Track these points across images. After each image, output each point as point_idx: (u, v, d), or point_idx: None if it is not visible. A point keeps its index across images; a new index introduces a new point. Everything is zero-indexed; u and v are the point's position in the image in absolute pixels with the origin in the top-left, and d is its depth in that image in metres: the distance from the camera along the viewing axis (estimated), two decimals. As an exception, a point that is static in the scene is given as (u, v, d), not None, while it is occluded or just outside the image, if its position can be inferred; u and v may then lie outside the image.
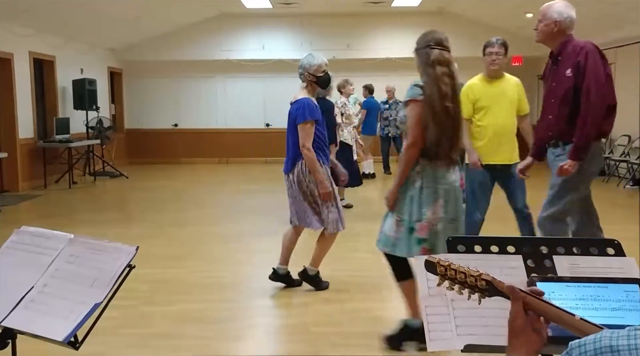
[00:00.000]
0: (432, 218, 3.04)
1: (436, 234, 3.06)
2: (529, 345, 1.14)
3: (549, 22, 3.52)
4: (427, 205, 3.05)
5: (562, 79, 3.50)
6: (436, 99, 3.01)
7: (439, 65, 3.03)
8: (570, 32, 3.53)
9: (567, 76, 3.46)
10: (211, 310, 3.91)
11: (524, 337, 1.14)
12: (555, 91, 3.58)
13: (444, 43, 3.09)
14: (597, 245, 1.57)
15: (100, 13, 10.07)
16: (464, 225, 3.26)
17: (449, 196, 3.08)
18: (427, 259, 1.25)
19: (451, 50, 3.12)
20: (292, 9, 12.24)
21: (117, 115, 13.59)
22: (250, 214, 7.40)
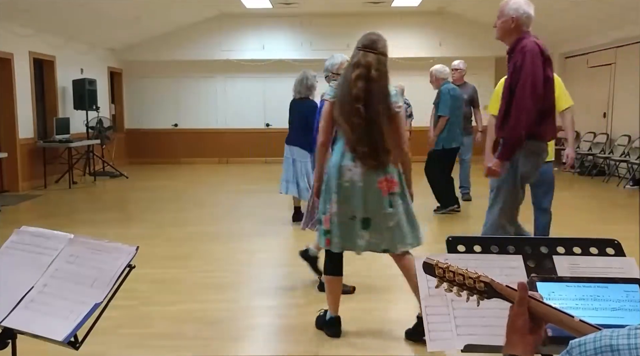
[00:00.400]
0: (331, 211, 3.23)
1: (335, 227, 3.24)
2: (526, 345, 1.14)
3: (506, 19, 3.50)
4: (327, 199, 3.25)
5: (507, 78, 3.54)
6: (346, 101, 3.13)
7: (357, 68, 3.12)
8: (526, 29, 3.48)
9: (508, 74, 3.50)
10: (211, 310, 3.91)
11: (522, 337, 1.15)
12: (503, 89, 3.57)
13: (372, 45, 3.14)
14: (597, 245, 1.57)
15: (100, 13, 10.07)
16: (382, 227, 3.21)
17: (347, 193, 3.18)
18: (425, 261, 1.25)
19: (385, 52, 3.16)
20: (292, 9, 12.24)
21: (117, 115, 13.59)
22: (250, 214, 7.40)
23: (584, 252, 1.56)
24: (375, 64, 3.12)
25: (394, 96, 3.19)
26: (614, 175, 10.20)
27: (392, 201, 3.21)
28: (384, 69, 3.15)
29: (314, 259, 4.32)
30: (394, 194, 3.21)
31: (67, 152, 10.09)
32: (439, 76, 7.17)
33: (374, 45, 3.15)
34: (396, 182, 3.22)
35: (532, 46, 3.35)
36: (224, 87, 13.79)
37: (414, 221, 3.31)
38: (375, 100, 3.12)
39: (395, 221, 3.21)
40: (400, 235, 3.24)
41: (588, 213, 7.38)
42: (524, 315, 1.15)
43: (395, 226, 3.22)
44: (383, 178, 3.18)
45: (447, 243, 1.59)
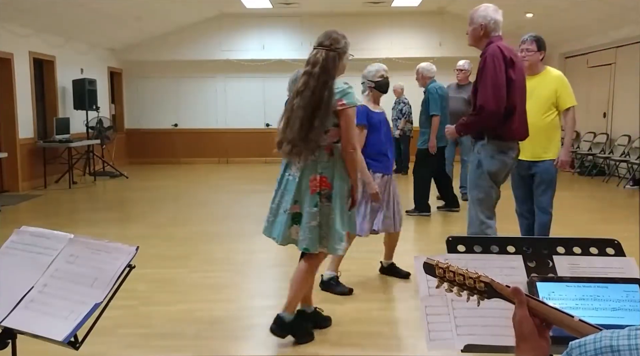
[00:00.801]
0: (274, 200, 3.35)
1: (270, 214, 3.34)
2: (538, 350, 1.13)
3: (475, 26, 3.66)
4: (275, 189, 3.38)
5: None
6: (292, 96, 3.24)
7: (307, 65, 3.19)
8: (495, 34, 3.63)
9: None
10: (211, 310, 3.91)
11: (533, 343, 1.13)
12: None
13: (323, 43, 3.18)
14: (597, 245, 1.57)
15: (100, 13, 10.06)
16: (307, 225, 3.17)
17: (287, 186, 3.26)
18: (426, 262, 1.25)
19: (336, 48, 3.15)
20: (292, 9, 12.24)
21: (117, 115, 13.58)
22: (250, 214, 7.39)
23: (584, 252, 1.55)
24: (322, 61, 3.12)
25: (339, 93, 3.12)
26: (614, 175, 10.20)
27: (319, 200, 3.16)
28: (330, 65, 3.12)
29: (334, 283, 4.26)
30: (321, 194, 3.16)
31: (67, 152, 10.09)
32: (426, 74, 7.07)
33: (325, 42, 3.17)
34: (327, 182, 3.17)
35: (494, 50, 3.50)
36: (224, 87, 13.79)
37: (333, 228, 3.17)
38: (312, 95, 3.10)
39: (318, 221, 3.16)
40: (319, 236, 3.19)
41: (588, 213, 7.38)
42: (528, 318, 1.14)
43: (317, 227, 3.17)
44: (314, 176, 3.17)
45: (447, 243, 1.59)
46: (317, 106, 3.09)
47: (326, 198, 3.18)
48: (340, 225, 3.18)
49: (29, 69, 9.79)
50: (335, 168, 3.19)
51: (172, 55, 13.18)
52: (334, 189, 3.18)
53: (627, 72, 10.22)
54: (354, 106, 3.16)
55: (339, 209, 3.18)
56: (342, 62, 3.19)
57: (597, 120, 11.30)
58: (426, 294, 1.48)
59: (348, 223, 3.28)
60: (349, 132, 3.14)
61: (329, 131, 3.14)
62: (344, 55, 3.19)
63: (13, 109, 9.28)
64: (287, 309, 3.33)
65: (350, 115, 3.13)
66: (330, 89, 3.10)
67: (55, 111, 10.68)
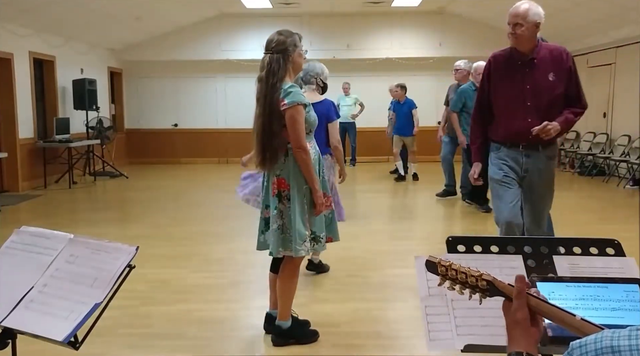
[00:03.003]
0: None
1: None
2: (529, 336, 1.14)
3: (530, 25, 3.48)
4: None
5: None
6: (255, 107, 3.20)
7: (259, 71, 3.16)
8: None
9: None
10: (211, 310, 3.91)
11: (525, 330, 1.14)
12: None
13: (267, 46, 3.15)
14: (597, 245, 1.57)
15: (100, 13, 10.06)
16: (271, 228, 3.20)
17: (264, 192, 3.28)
18: (428, 260, 1.25)
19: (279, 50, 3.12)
20: (292, 9, 12.24)
21: (117, 115, 13.58)
22: (250, 214, 7.38)
23: (584, 252, 1.56)
24: (267, 64, 3.11)
25: (282, 93, 3.07)
26: (614, 175, 10.19)
27: (279, 202, 3.15)
28: (275, 68, 3.09)
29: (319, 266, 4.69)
30: (281, 195, 3.15)
31: (67, 152, 10.09)
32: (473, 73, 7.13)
33: (268, 45, 3.15)
34: (285, 183, 3.15)
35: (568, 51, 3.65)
36: (224, 87, 13.79)
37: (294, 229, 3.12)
38: (265, 100, 3.09)
39: (279, 224, 3.15)
40: (281, 239, 3.16)
41: (588, 213, 7.38)
42: (524, 308, 1.15)
43: (278, 229, 3.15)
44: (275, 178, 3.16)
45: (447, 243, 1.59)
46: (272, 111, 3.07)
47: (287, 199, 3.15)
48: (302, 225, 3.12)
49: (29, 69, 9.79)
50: (292, 169, 3.15)
51: (172, 55, 13.17)
52: (292, 190, 3.14)
53: (627, 72, 10.22)
54: (297, 105, 3.06)
55: (299, 208, 3.13)
56: (290, 61, 3.15)
57: (597, 120, 11.30)
58: (426, 294, 1.48)
59: (316, 223, 3.22)
60: (294, 132, 3.06)
61: (282, 131, 3.10)
62: (292, 54, 3.14)
63: (13, 109, 9.28)
64: (281, 318, 3.34)
65: (292, 115, 3.05)
66: (279, 92, 3.07)
67: (55, 111, 10.68)
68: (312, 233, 3.20)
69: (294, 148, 3.09)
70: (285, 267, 3.30)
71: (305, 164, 3.10)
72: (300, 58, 3.23)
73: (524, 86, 3.50)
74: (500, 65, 3.60)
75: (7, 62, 9.16)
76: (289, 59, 3.13)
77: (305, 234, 3.14)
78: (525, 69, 3.51)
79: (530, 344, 1.13)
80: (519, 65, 3.52)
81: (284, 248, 3.17)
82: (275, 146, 3.09)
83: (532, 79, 3.48)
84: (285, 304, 3.33)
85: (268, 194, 3.21)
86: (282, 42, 3.13)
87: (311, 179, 3.12)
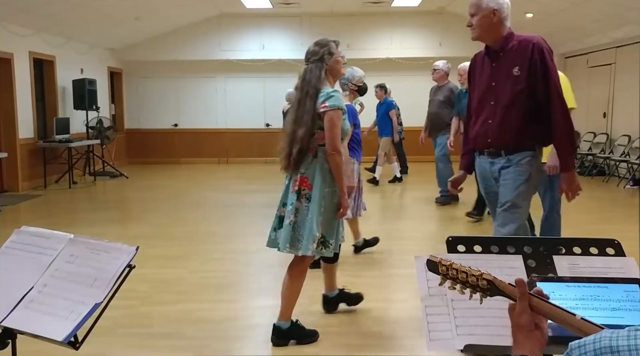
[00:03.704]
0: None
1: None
2: (534, 340, 1.14)
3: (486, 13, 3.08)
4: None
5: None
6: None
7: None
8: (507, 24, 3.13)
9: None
10: (211, 310, 3.91)
11: (529, 333, 1.14)
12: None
13: (305, 58, 3.30)
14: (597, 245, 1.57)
15: (100, 13, 10.06)
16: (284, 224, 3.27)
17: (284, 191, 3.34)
18: (429, 259, 1.25)
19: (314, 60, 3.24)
20: (292, 9, 12.24)
21: (117, 115, 13.58)
22: (250, 214, 7.40)
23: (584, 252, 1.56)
24: (304, 74, 3.27)
25: (323, 96, 3.16)
26: (614, 175, 10.20)
27: (296, 199, 3.21)
28: (310, 77, 3.22)
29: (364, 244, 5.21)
30: (300, 193, 3.21)
31: (67, 152, 10.09)
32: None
33: (306, 57, 3.31)
34: (308, 182, 3.21)
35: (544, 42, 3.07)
36: (224, 87, 13.79)
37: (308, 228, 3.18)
38: (299, 107, 3.22)
39: (292, 220, 3.21)
40: (290, 236, 3.21)
41: (588, 213, 7.38)
42: (527, 311, 1.15)
43: (290, 225, 3.21)
44: (298, 176, 3.22)
45: (447, 243, 1.59)
46: (304, 118, 3.18)
47: (306, 198, 3.21)
48: (315, 226, 3.16)
49: (29, 69, 9.79)
50: (318, 170, 3.20)
51: (172, 55, 13.17)
52: (314, 190, 3.19)
53: (627, 72, 10.22)
54: (337, 109, 3.16)
55: (317, 210, 3.17)
56: (327, 69, 3.24)
57: (597, 120, 11.30)
58: (426, 294, 1.48)
59: (329, 229, 3.24)
60: (331, 135, 3.15)
61: (315, 133, 3.18)
62: (327, 61, 3.24)
63: (13, 109, 9.28)
64: (281, 318, 3.36)
65: (332, 117, 3.14)
66: (313, 99, 3.17)
67: (55, 111, 10.68)
68: (322, 237, 3.22)
69: (329, 150, 3.17)
70: (294, 267, 3.35)
71: (338, 167, 3.18)
72: (337, 65, 3.31)
73: (490, 83, 3.13)
74: (477, 63, 3.28)
75: (7, 62, 9.16)
76: (323, 68, 3.24)
77: (316, 235, 3.17)
78: (492, 64, 3.14)
79: (535, 347, 1.13)
80: (488, 60, 3.17)
81: (291, 246, 3.22)
82: (301, 152, 3.18)
83: (497, 75, 3.11)
84: (287, 304, 3.34)
85: (287, 191, 3.28)
86: (315, 53, 3.25)
87: (341, 182, 3.21)
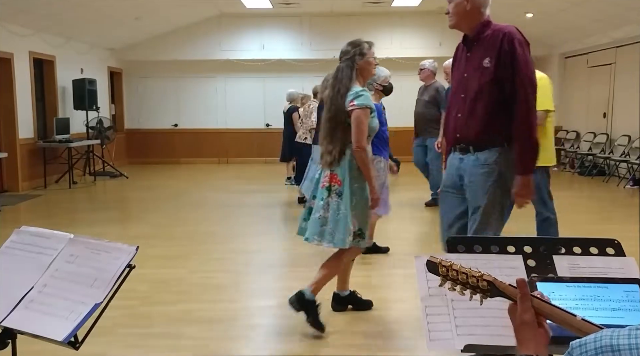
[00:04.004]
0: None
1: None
2: (537, 338, 1.14)
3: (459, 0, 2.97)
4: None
5: None
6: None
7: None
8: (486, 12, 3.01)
9: None
10: (211, 310, 3.91)
11: (532, 332, 1.14)
12: None
13: (339, 57, 3.44)
14: (597, 245, 1.56)
15: (100, 13, 10.06)
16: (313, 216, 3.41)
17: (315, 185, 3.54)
18: (429, 260, 1.25)
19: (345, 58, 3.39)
20: (292, 9, 12.24)
21: (117, 115, 13.59)
22: (250, 214, 7.40)
23: (584, 252, 1.55)
24: (335, 72, 3.44)
25: (352, 95, 3.31)
26: (614, 175, 10.20)
27: (327, 195, 3.37)
28: (341, 76, 3.38)
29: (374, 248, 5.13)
30: (331, 190, 3.36)
31: (67, 152, 10.09)
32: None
33: (339, 56, 3.45)
34: (338, 178, 3.36)
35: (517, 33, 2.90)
36: (224, 87, 13.79)
37: (343, 222, 3.31)
38: (331, 104, 3.39)
39: (322, 215, 3.36)
40: (319, 230, 3.37)
41: (588, 213, 7.38)
42: (530, 310, 1.15)
43: (320, 219, 3.36)
44: (329, 172, 3.40)
45: (447, 243, 1.59)
46: (337, 114, 3.35)
47: (336, 194, 3.36)
48: (349, 221, 3.32)
49: (29, 69, 9.79)
50: (347, 167, 3.35)
51: (172, 55, 13.17)
52: (344, 187, 3.34)
53: (627, 72, 10.22)
54: (365, 108, 3.29)
55: (349, 205, 3.33)
56: (357, 68, 3.38)
57: (597, 120, 11.30)
58: (426, 294, 1.47)
59: (362, 221, 3.40)
60: (357, 132, 3.29)
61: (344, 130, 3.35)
62: (357, 62, 3.38)
63: (13, 109, 9.28)
64: (312, 289, 3.46)
65: (359, 115, 3.28)
66: (343, 97, 3.33)
67: (55, 111, 10.68)
68: (359, 230, 3.38)
69: (355, 147, 3.31)
70: (332, 259, 3.55)
71: (364, 163, 3.33)
72: (368, 65, 3.44)
73: (463, 74, 2.99)
74: (457, 55, 3.12)
75: (7, 62, 9.16)
76: (354, 67, 3.38)
77: (351, 229, 3.34)
78: (466, 54, 2.99)
79: (540, 345, 1.13)
80: (464, 51, 3.02)
81: (320, 238, 3.39)
82: (340, 146, 3.35)
83: (469, 66, 2.96)
84: (320, 281, 3.49)
85: (317, 185, 3.47)
86: (347, 53, 3.41)
87: (369, 177, 3.37)
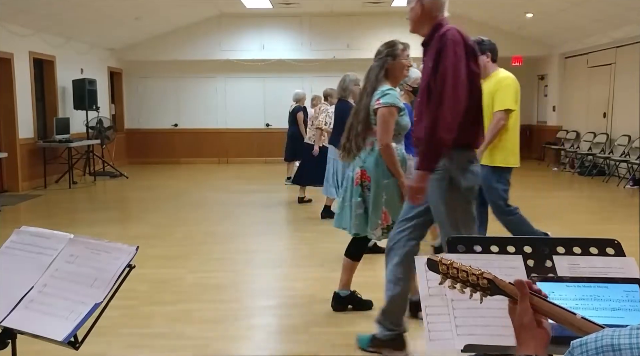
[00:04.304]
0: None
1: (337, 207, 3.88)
2: (538, 339, 1.14)
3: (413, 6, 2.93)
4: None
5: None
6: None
7: None
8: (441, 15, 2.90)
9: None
10: (211, 310, 3.91)
11: (532, 332, 1.14)
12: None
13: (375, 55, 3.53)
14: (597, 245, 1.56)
15: (100, 13, 10.07)
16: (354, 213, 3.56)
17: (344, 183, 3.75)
18: (429, 258, 1.25)
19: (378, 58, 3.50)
20: (292, 9, 12.24)
21: (117, 115, 13.59)
22: (250, 214, 7.40)
23: (584, 252, 1.55)
24: (367, 72, 3.56)
25: (379, 93, 3.41)
26: (614, 175, 10.20)
27: (362, 191, 3.56)
28: (371, 75, 3.50)
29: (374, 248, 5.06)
30: (363, 186, 3.56)
31: (67, 152, 10.09)
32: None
33: (375, 55, 3.53)
34: (367, 174, 3.53)
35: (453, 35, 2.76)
36: (224, 87, 13.80)
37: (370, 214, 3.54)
38: (360, 101, 3.55)
39: (363, 210, 3.56)
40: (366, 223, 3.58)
41: (588, 213, 7.38)
42: (529, 310, 1.15)
43: (362, 215, 3.56)
44: (359, 170, 3.56)
45: (447, 243, 1.59)
46: (364, 111, 3.50)
47: (368, 190, 3.55)
48: (375, 214, 3.51)
49: (29, 69, 9.79)
50: (375, 163, 3.50)
51: (172, 55, 13.18)
52: (372, 183, 3.51)
53: (627, 72, 10.22)
54: (391, 107, 3.38)
55: (376, 200, 3.49)
56: (387, 69, 3.45)
57: (597, 120, 11.30)
58: (426, 294, 1.47)
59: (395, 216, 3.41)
60: (381, 130, 3.40)
61: (372, 128, 3.47)
62: (389, 62, 3.46)
63: (13, 109, 9.28)
64: (341, 287, 3.81)
65: (384, 114, 3.38)
66: (370, 96, 3.46)
67: (55, 111, 10.68)
68: (393, 223, 3.42)
69: (378, 145, 3.44)
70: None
71: (390, 159, 3.45)
72: (400, 66, 3.51)
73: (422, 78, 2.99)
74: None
75: (7, 62, 9.16)
76: (383, 67, 3.47)
77: (377, 222, 3.52)
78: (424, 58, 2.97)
79: (540, 346, 1.13)
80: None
81: (361, 231, 3.60)
82: (358, 141, 3.52)
83: (424, 69, 2.94)
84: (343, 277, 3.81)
85: (351, 182, 3.61)
86: (379, 53, 3.51)
87: (397, 172, 3.47)
